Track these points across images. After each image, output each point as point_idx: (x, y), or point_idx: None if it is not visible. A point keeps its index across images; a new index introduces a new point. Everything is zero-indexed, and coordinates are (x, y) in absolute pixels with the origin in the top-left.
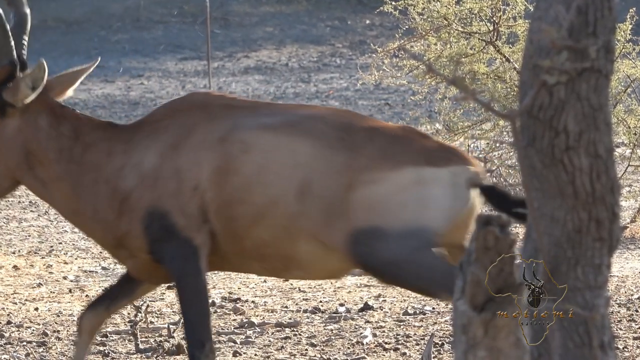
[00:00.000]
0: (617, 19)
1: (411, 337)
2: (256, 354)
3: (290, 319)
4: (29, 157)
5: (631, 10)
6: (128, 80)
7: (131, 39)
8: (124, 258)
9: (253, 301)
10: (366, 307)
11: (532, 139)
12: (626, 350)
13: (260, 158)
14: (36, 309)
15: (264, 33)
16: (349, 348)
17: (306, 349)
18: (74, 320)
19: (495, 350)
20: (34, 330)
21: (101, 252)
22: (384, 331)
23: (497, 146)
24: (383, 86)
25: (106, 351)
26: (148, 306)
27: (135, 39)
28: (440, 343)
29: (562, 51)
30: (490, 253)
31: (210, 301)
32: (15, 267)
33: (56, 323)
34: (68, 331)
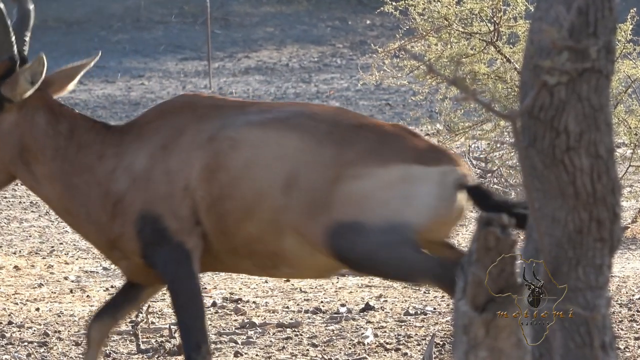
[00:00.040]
0: (617, 19)
1: (412, 337)
2: (257, 355)
3: (291, 319)
4: (24, 153)
5: (632, 11)
6: (128, 81)
7: (132, 39)
8: (118, 259)
9: (254, 301)
10: (367, 308)
11: (533, 139)
12: (627, 350)
13: (248, 153)
14: (37, 309)
15: (264, 33)
16: (350, 348)
17: (307, 349)
18: (75, 321)
19: (496, 350)
20: (35, 331)
21: None
22: (385, 331)
23: (497, 146)
24: (384, 86)
25: (107, 351)
26: (149, 307)
27: (135, 39)
28: (441, 343)
29: (563, 51)
30: (491, 253)
31: (211, 302)
32: (16, 268)
33: (57, 323)
34: (69, 331)
